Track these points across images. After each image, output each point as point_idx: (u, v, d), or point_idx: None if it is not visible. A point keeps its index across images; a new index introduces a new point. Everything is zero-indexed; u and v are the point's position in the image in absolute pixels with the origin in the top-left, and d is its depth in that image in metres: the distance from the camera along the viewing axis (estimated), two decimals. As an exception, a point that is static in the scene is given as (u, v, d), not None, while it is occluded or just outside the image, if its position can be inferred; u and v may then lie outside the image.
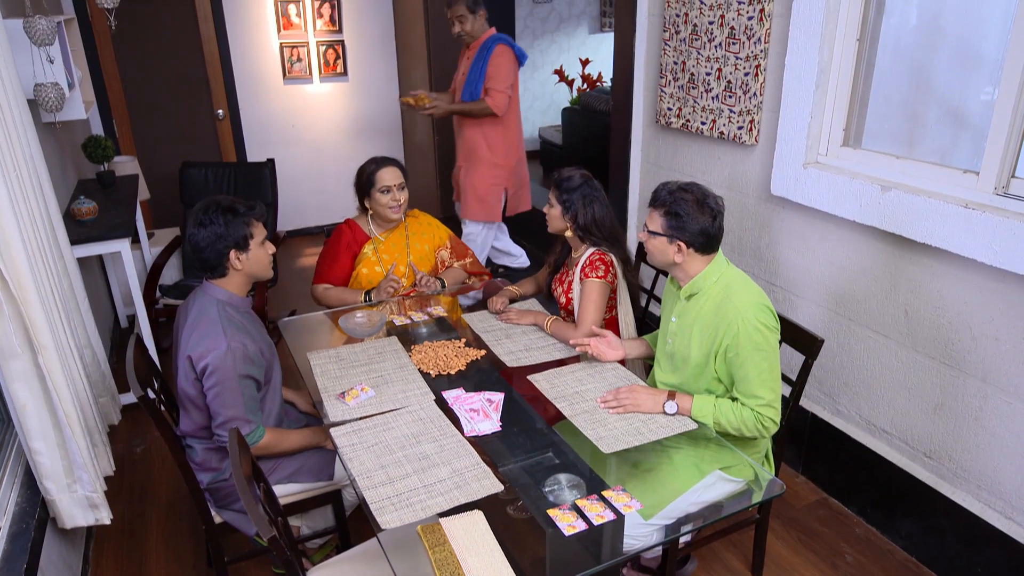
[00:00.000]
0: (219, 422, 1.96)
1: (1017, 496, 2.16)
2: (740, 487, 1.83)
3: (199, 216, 1.99)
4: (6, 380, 2.01)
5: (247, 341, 1.98)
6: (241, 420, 1.96)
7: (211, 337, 1.94)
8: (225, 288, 2.06)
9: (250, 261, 2.05)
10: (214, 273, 2.04)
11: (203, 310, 2.01)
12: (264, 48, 5.45)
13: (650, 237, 2.04)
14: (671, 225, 1.98)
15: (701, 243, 1.98)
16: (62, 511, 2.18)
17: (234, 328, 1.98)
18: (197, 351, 1.94)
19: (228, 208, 2.00)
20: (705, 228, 1.96)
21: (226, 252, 2.00)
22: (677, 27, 3.08)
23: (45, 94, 2.79)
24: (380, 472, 1.78)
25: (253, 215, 2.05)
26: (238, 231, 2.00)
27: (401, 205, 2.79)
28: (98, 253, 3.17)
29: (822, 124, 2.61)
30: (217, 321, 1.97)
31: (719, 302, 2.00)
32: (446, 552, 1.52)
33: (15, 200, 2.00)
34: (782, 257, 2.85)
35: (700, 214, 1.95)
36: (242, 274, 2.06)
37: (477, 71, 3.95)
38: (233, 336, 1.95)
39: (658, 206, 2.01)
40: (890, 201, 2.32)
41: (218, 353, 1.92)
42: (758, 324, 1.94)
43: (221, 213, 1.98)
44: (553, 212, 2.49)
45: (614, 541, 1.63)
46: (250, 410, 1.99)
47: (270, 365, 2.12)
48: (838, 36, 2.50)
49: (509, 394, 2.13)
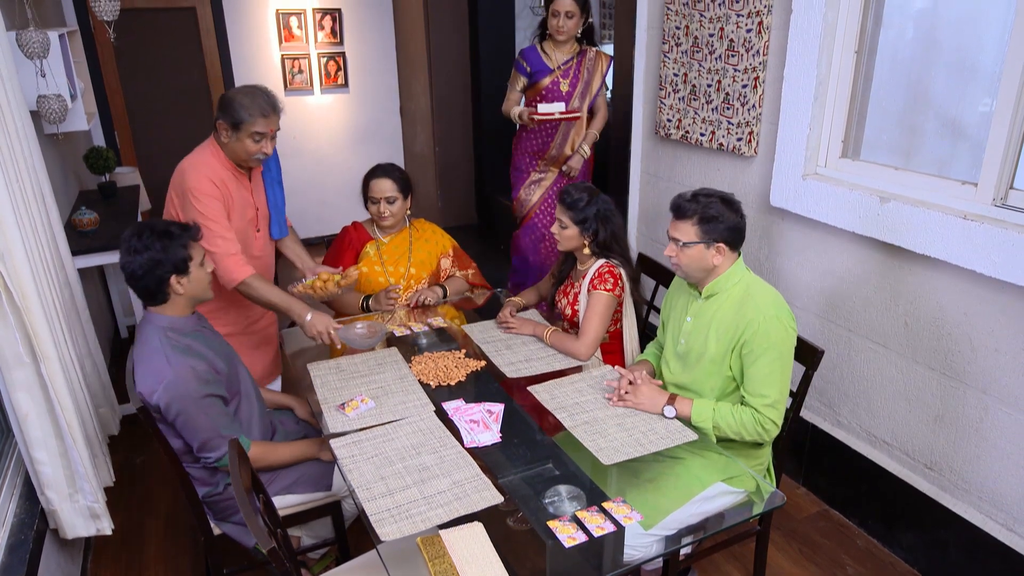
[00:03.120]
0: (197, 447, 1.92)
1: (1019, 507, 2.16)
2: (741, 498, 1.82)
3: (131, 243, 1.88)
4: (9, 389, 2.00)
5: (194, 362, 1.91)
6: (218, 439, 1.91)
7: (155, 370, 1.87)
8: (166, 314, 1.97)
9: (192, 284, 1.96)
10: (154, 300, 1.95)
11: (146, 341, 1.93)
12: (265, 59, 5.48)
13: (683, 249, 2.03)
14: (707, 230, 2.00)
15: (735, 239, 2.02)
16: (64, 521, 2.17)
17: (178, 353, 1.90)
18: (146, 387, 1.88)
19: (163, 232, 1.90)
20: (737, 223, 2.01)
21: (166, 278, 1.91)
22: (677, 39, 3.09)
23: (48, 105, 2.81)
24: (380, 483, 1.77)
25: (189, 236, 1.96)
26: (176, 254, 1.90)
27: (388, 217, 2.78)
28: (99, 264, 3.18)
29: (821, 136, 2.62)
30: (159, 350, 1.89)
31: (740, 301, 2.02)
32: (446, 564, 1.52)
33: (18, 210, 2.01)
34: (782, 268, 2.85)
35: (730, 211, 2.00)
36: (184, 298, 1.98)
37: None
38: (177, 361, 1.88)
39: (687, 216, 2.01)
40: (889, 212, 2.33)
41: (167, 383, 1.85)
42: (778, 323, 1.96)
43: (156, 238, 1.88)
44: (567, 233, 2.47)
45: (614, 553, 1.63)
46: (224, 426, 1.93)
47: (233, 376, 2.07)
48: (836, 48, 2.51)
49: (509, 405, 2.12)
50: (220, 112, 2.38)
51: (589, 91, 3.58)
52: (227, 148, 2.43)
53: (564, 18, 3.39)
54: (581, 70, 3.54)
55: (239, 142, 2.39)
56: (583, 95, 3.58)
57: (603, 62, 3.57)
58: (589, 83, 3.56)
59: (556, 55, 3.52)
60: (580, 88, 3.56)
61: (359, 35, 5.69)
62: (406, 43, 5.75)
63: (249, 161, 2.46)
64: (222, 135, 2.40)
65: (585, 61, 3.54)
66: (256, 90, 2.40)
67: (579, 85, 3.55)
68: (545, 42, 3.54)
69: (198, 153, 2.47)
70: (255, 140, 2.38)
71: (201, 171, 2.39)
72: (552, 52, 3.53)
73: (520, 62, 3.58)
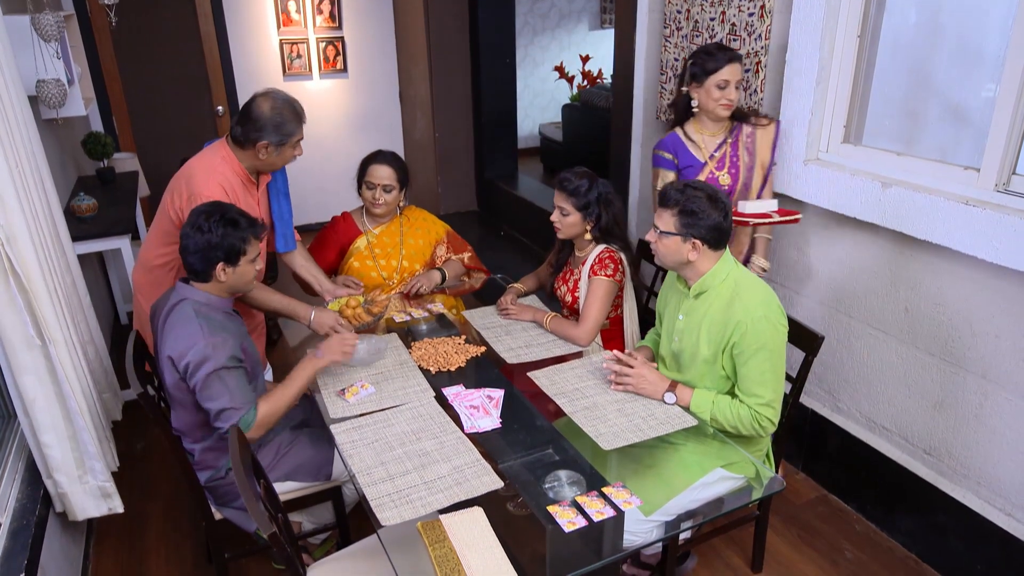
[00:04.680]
0: (215, 414, 1.92)
1: (1017, 493, 2.16)
2: (740, 484, 1.83)
3: (198, 220, 1.93)
4: (15, 374, 2.01)
5: (225, 336, 1.93)
6: (233, 409, 1.91)
7: (188, 335, 1.90)
8: (205, 291, 2.00)
9: (235, 276, 1.99)
10: (197, 277, 1.99)
11: (179, 310, 1.95)
12: (264, 44, 5.44)
13: (661, 238, 2.03)
14: (685, 223, 1.98)
15: (714, 239, 1.99)
16: (74, 504, 2.19)
17: (212, 325, 1.93)
18: (177, 350, 1.90)
19: (230, 220, 1.94)
20: (718, 223, 1.97)
21: (214, 263, 1.94)
22: (678, 23, 3.07)
23: (47, 90, 2.80)
24: (380, 469, 1.78)
25: (253, 232, 1.99)
26: (232, 245, 1.94)
27: (381, 204, 2.75)
28: (98, 250, 3.18)
29: (823, 121, 2.60)
30: (194, 319, 1.92)
31: (729, 300, 2.00)
32: (446, 549, 1.52)
33: (19, 195, 2.01)
34: (782, 254, 2.85)
35: (713, 210, 1.97)
36: (224, 285, 2.00)
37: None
38: (210, 331, 1.91)
39: (670, 205, 2.00)
40: (891, 198, 2.32)
41: (197, 349, 1.88)
42: (767, 323, 1.94)
43: (222, 223, 1.92)
44: (569, 220, 2.45)
45: (614, 537, 1.64)
46: (237, 398, 1.92)
47: (253, 359, 2.08)
48: (839, 33, 2.49)
49: (509, 391, 2.13)
50: (259, 132, 2.28)
51: (759, 174, 2.61)
52: (260, 162, 2.36)
53: (733, 88, 2.45)
54: (739, 152, 2.58)
55: (280, 155, 2.35)
56: (749, 186, 2.61)
57: (769, 133, 2.59)
58: (752, 168, 2.59)
59: (706, 141, 2.57)
60: (743, 177, 2.59)
61: (358, 19, 5.65)
62: (405, 28, 5.71)
63: (276, 167, 2.43)
64: (260, 153, 2.31)
65: (742, 139, 2.58)
66: (285, 100, 2.33)
67: (741, 174, 2.59)
68: (688, 124, 2.60)
69: (209, 156, 2.37)
70: (293, 147, 2.36)
71: (213, 177, 2.31)
72: (700, 137, 2.58)
73: (663, 156, 2.62)
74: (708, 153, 2.57)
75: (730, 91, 2.45)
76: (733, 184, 2.59)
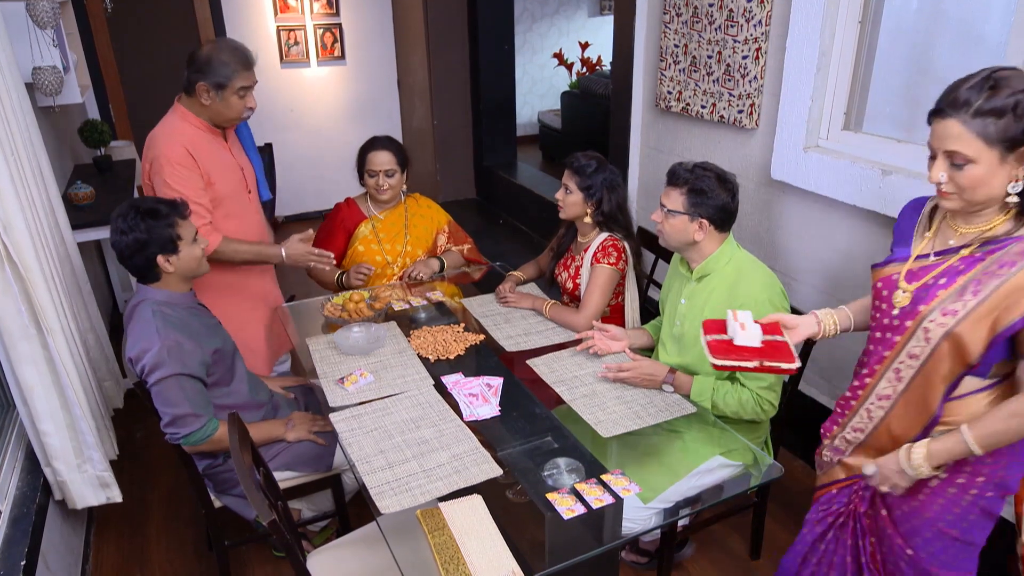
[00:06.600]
0: (166, 421, 1.90)
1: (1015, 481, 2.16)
2: (739, 470, 1.83)
3: (118, 223, 1.88)
4: (14, 363, 2.01)
5: (183, 339, 1.90)
6: (190, 416, 1.89)
7: (146, 337, 1.88)
8: (163, 289, 1.97)
9: (181, 261, 1.95)
10: (147, 278, 1.96)
11: (138, 311, 1.94)
12: (261, 31, 5.41)
13: (668, 217, 2.03)
14: (693, 202, 1.98)
15: (721, 220, 2.00)
16: (73, 492, 2.20)
17: (169, 327, 1.90)
18: (134, 351, 1.89)
19: (148, 211, 1.89)
20: (726, 204, 1.98)
21: (153, 257, 1.90)
22: (678, 9, 3.05)
23: (44, 78, 2.78)
24: (379, 457, 1.78)
25: (177, 214, 1.94)
26: (162, 234, 1.89)
27: (387, 190, 2.75)
28: (96, 238, 3.17)
29: (823, 108, 2.59)
30: (151, 321, 1.89)
31: (732, 283, 2.00)
32: (445, 536, 1.53)
33: (15, 183, 2.00)
34: (781, 241, 2.84)
35: (722, 190, 1.98)
36: (175, 275, 1.97)
37: None
38: (167, 334, 1.88)
39: (679, 184, 2.01)
40: (891, 185, 2.31)
41: (152, 352, 1.86)
42: (770, 307, 1.95)
43: (142, 217, 1.88)
44: (572, 199, 2.45)
45: (613, 524, 1.64)
46: (197, 405, 1.91)
47: (227, 355, 2.05)
48: (839, 19, 2.48)
49: (508, 378, 2.13)
50: (198, 74, 2.28)
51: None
52: (208, 111, 2.34)
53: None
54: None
55: (224, 102, 2.31)
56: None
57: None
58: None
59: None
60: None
61: (355, 6, 5.61)
62: (403, 14, 5.67)
63: (234, 120, 2.38)
64: (202, 98, 2.30)
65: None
66: (229, 44, 2.32)
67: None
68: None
69: (168, 119, 2.36)
70: (240, 96, 2.32)
71: (174, 138, 2.28)
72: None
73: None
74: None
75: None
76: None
